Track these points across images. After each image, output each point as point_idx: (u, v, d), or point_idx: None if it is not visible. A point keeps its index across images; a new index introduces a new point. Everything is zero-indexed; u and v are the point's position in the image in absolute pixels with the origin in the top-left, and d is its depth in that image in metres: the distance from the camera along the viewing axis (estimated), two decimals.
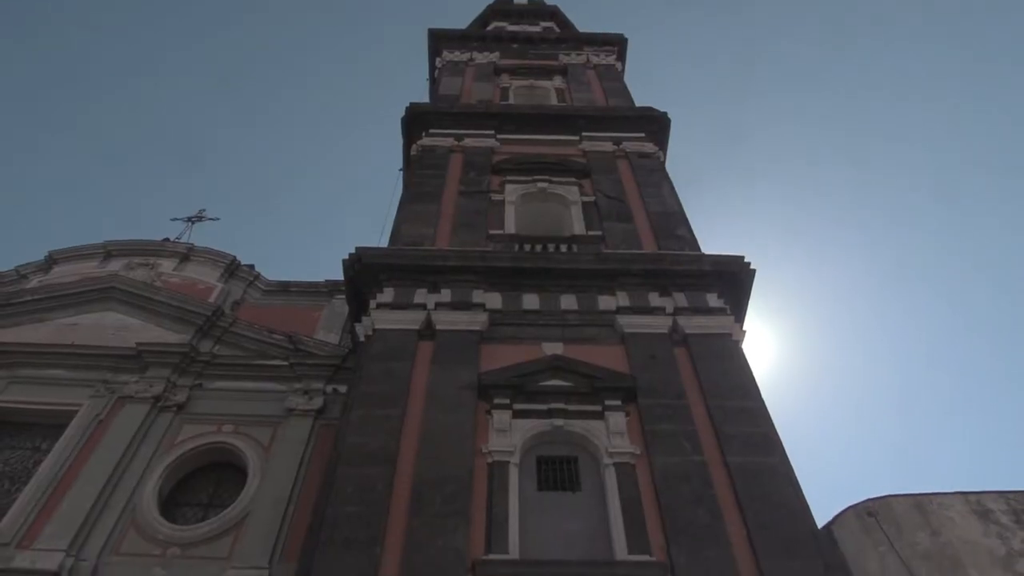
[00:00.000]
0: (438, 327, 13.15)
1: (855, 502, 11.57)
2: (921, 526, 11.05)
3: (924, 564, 10.55)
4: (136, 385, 14.85)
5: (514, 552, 9.68)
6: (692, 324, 13.31)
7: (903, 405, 47.98)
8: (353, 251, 14.35)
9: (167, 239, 20.52)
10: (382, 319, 13.34)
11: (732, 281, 14.25)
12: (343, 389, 14.26)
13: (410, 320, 13.30)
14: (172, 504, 13.36)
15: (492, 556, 9.57)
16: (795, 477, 10.83)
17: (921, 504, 11.38)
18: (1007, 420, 45.46)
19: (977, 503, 11.42)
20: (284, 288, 18.58)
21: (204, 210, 23.24)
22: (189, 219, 22.85)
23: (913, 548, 10.75)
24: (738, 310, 14.24)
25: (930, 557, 10.63)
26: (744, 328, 13.78)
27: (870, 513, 11.28)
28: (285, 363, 15.31)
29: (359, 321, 13.77)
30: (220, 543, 12.15)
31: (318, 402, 14.58)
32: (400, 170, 21.37)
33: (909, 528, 11.02)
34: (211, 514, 12.95)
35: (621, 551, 9.74)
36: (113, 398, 14.69)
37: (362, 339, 13.33)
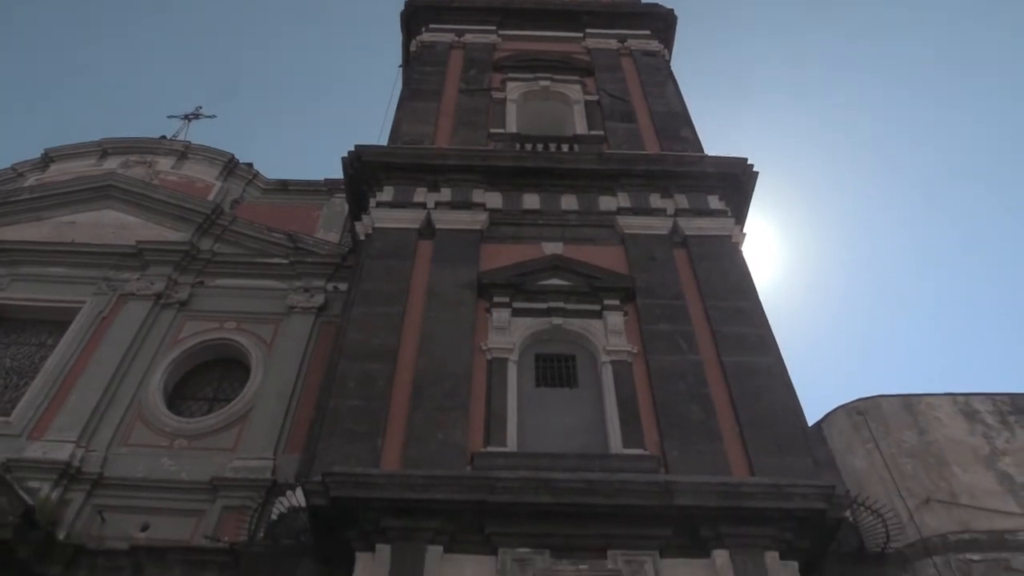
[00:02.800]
0: (438, 226, 13.14)
1: (847, 401, 11.87)
2: (909, 425, 11.33)
3: (909, 461, 10.87)
4: (138, 283, 14.96)
5: (512, 445, 9.96)
6: (692, 226, 13.30)
7: (901, 308, 48.42)
8: (352, 149, 14.20)
9: (164, 137, 20.28)
10: (382, 218, 13.32)
11: (734, 183, 14.16)
12: (343, 287, 14.36)
13: (410, 219, 13.28)
14: (178, 398, 13.66)
15: (490, 448, 9.86)
16: (788, 377, 11.04)
17: (910, 404, 11.64)
18: (1003, 323, 45.95)
19: (965, 404, 11.68)
20: (283, 187, 18.46)
21: (201, 107, 22.95)
22: (186, 116, 22.56)
23: (900, 446, 11.05)
24: (739, 212, 14.20)
25: (915, 454, 10.93)
26: (744, 231, 13.77)
27: (859, 412, 11.56)
28: (285, 261, 15.37)
29: (359, 220, 13.76)
30: (226, 435, 12.49)
31: (319, 300, 14.71)
32: (400, 67, 20.92)
33: (897, 427, 11.31)
34: (216, 408, 13.26)
35: (616, 445, 10.03)
36: (115, 295, 14.81)
37: (362, 238, 13.35)
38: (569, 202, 13.80)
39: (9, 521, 9.98)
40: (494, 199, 13.75)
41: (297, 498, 9.44)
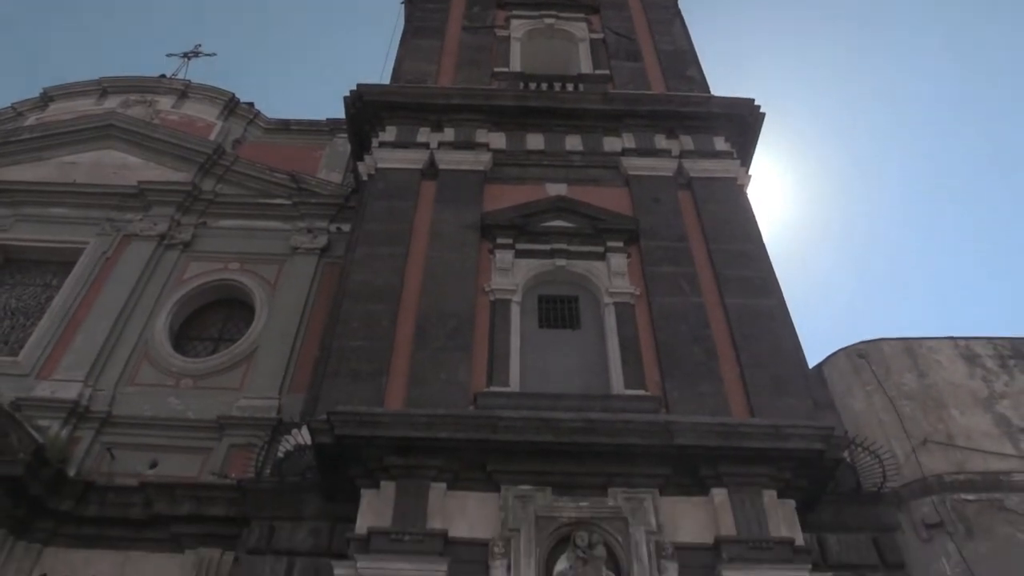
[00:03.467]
0: (441, 166, 13.05)
1: (848, 344, 11.93)
2: (909, 368, 11.39)
3: (908, 403, 10.96)
4: (141, 223, 14.94)
5: (515, 385, 10.06)
6: (697, 167, 13.19)
7: (910, 252, 48.22)
8: (354, 88, 14.01)
9: (163, 76, 19.99)
10: (384, 158, 13.22)
11: (740, 124, 13.99)
12: (346, 228, 14.32)
13: (413, 159, 13.19)
14: (183, 338, 13.76)
15: (493, 388, 9.96)
16: (790, 319, 11.08)
17: (911, 347, 11.69)
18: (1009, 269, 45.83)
19: (966, 347, 11.72)
20: (285, 126, 18.28)
21: (200, 45, 22.51)
22: (185, 55, 22.16)
23: (899, 388, 11.13)
24: (745, 154, 14.07)
25: (914, 397, 11.02)
26: (750, 173, 13.66)
27: (860, 355, 11.61)
28: (288, 202, 15.30)
29: (361, 160, 13.66)
30: (231, 375, 12.61)
31: (322, 241, 14.69)
32: (402, 3, 20.46)
33: (897, 369, 11.37)
34: (221, 348, 13.37)
35: (618, 385, 10.12)
36: (119, 236, 14.81)
37: (365, 178, 13.28)
38: (573, 143, 13.67)
39: (20, 458, 10.17)
40: (498, 139, 13.63)
41: (302, 436, 9.59)
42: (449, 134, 13.62)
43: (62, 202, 15.32)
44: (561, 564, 8.15)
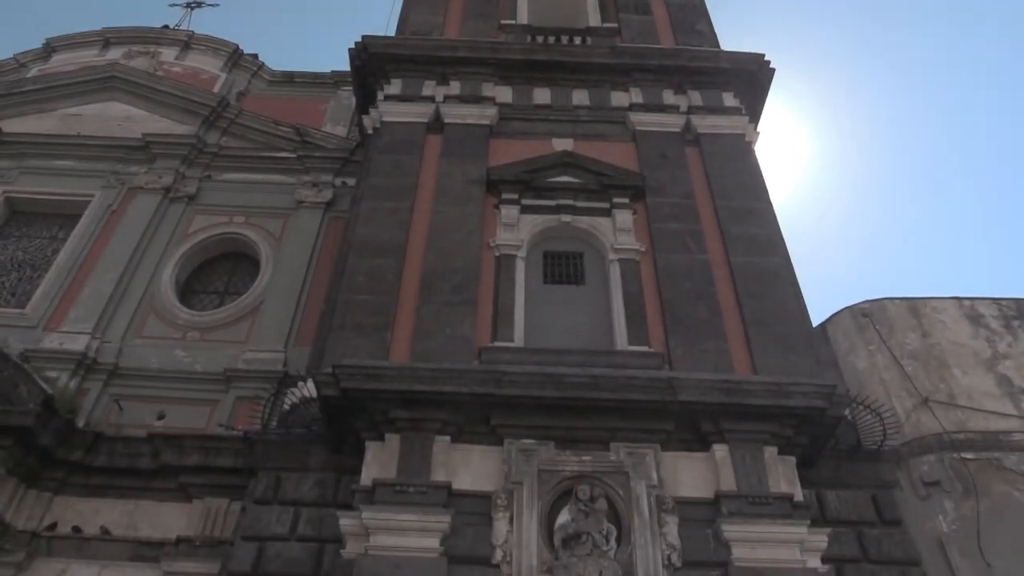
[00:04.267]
0: (447, 120, 12.94)
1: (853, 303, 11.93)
2: (913, 327, 11.41)
3: (911, 363, 10.99)
4: (146, 176, 14.90)
5: (519, 340, 10.10)
6: (705, 123, 13.06)
7: (922, 211, 47.91)
8: (359, 40, 13.84)
9: (166, 26, 19.76)
10: (390, 111, 13.11)
11: (750, 80, 13.81)
12: (351, 182, 14.23)
13: (418, 113, 13.07)
14: (189, 291, 13.81)
15: (498, 343, 10.00)
16: (795, 278, 11.07)
17: (915, 307, 11.69)
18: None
19: (970, 308, 11.72)
20: (289, 79, 18.07)
21: None
22: (188, 5, 21.94)
23: (902, 348, 11.16)
24: (754, 111, 13.90)
25: (917, 356, 11.05)
26: (758, 129, 13.53)
27: (864, 314, 11.62)
28: (293, 155, 15.22)
29: (366, 113, 13.55)
30: (237, 328, 12.67)
31: (327, 195, 14.63)
32: None
33: (901, 329, 11.38)
34: (227, 301, 13.41)
35: (621, 342, 10.16)
36: (124, 189, 14.78)
37: (370, 132, 13.18)
38: (580, 97, 13.52)
39: (30, 409, 10.27)
40: (504, 93, 13.48)
41: (308, 389, 9.67)
42: (455, 87, 13.48)
43: (67, 154, 15.27)
44: (563, 517, 8.26)
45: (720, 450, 8.75)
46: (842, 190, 50.02)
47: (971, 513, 9.39)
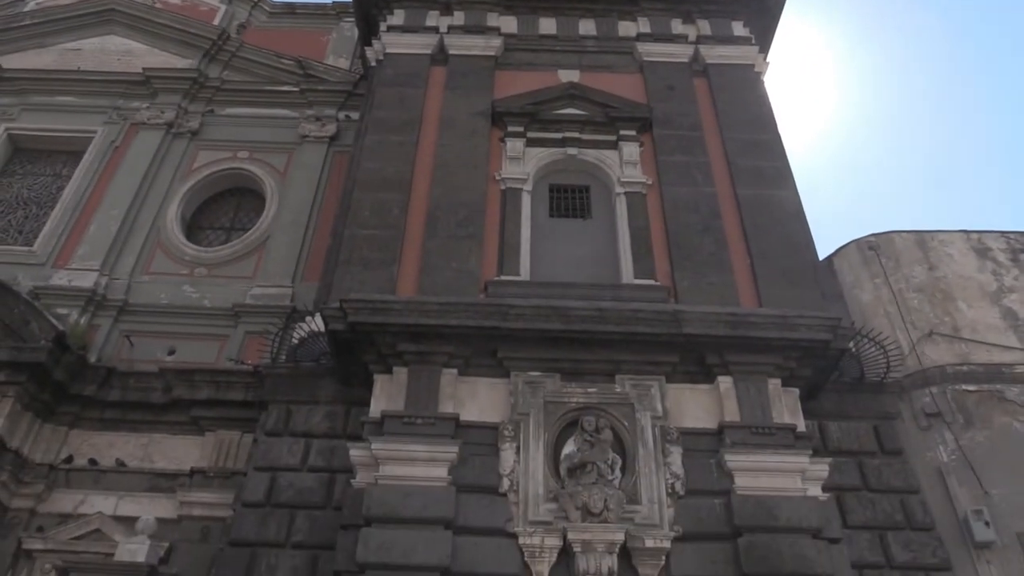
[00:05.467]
0: (451, 52, 12.72)
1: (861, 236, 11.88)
2: (919, 260, 11.38)
3: (916, 295, 11.00)
4: (148, 111, 14.77)
5: (525, 274, 10.12)
6: (714, 54, 12.82)
7: (941, 143, 47.21)
8: None
9: None
10: (393, 43, 12.88)
11: (759, 8, 13.47)
12: (355, 116, 14.09)
13: (422, 44, 12.84)
14: (195, 228, 13.84)
15: (503, 277, 10.02)
16: (802, 210, 10.99)
17: (922, 240, 11.64)
18: None
19: (978, 241, 11.67)
20: (290, 10, 17.70)
21: None
22: None
23: (908, 281, 11.16)
24: (764, 40, 13.58)
25: (923, 289, 11.05)
26: (768, 60, 13.24)
27: (871, 247, 11.59)
28: (296, 89, 15.03)
29: (369, 45, 13.32)
30: (244, 263, 12.73)
31: (331, 129, 14.50)
32: None
33: (907, 262, 11.36)
34: (233, 237, 13.44)
35: (627, 275, 10.17)
36: (126, 124, 14.69)
37: (373, 64, 12.98)
38: (587, 27, 13.23)
39: (42, 345, 10.41)
40: (509, 23, 13.19)
41: (316, 323, 9.75)
42: (459, 17, 13.19)
43: (68, 90, 15.15)
44: (568, 447, 8.39)
45: (724, 382, 8.82)
46: (863, 119, 49.24)
47: (971, 443, 9.52)
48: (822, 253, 11.28)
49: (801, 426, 8.71)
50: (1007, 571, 8.63)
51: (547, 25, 13.20)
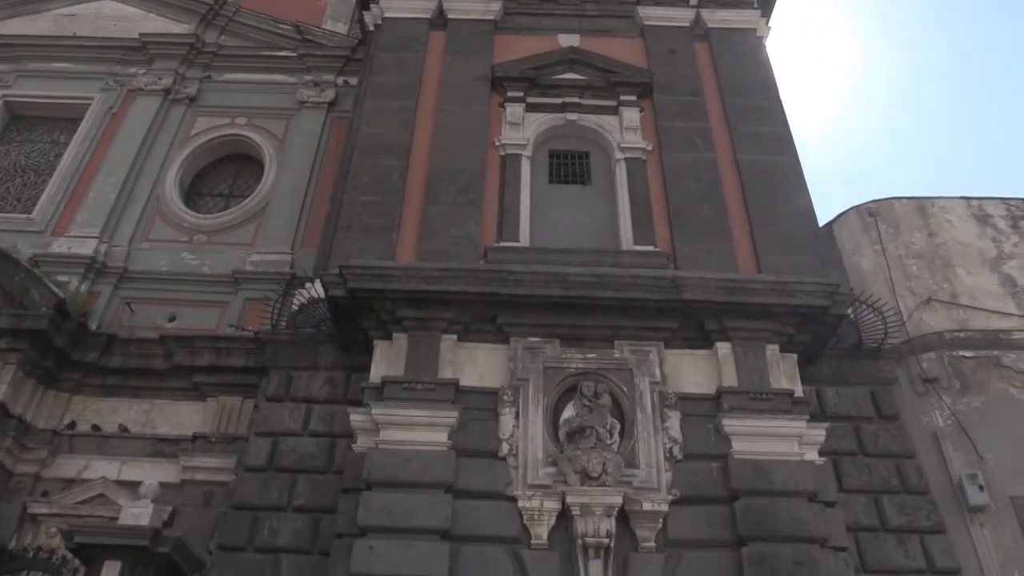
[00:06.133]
0: (450, 16, 12.60)
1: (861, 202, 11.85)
2: (919, 227, 11.37)
3: (915, 262, 11.01)
4: (145, 77, 14.65)
5: (524, 240, 10.13)
6: (716, 18, 12.71)
7: (945, 107, 46.84)
8: None
9: None
10: (391, 6, 12.76)
11: None
12: (354, 81, 13.92)
13: (421, 8, 12.71)
14: (194, 195, 13.78)
15: (503, 243, 10.03)
16: (803, 177, 10.98)
17: (923, 207, 11.63)
18: None
19: (978, 207, 11.65)
20: None
21: None
22: None
23: (907, 247, 11.16)
24: (766, 4, 13.41)
25: (922, 256, 11.06)
26: (770, 24, 13.11)
27: (871, 213, 11.57)
28: (293, 54, 14.86)
29: (367, 9, 13.17)
30: (243, 230, 12.69)
31: (329, 94, 14.37)
32: None
33: (907, 228, 11.36)
34: (232, 204, 13.38)
35: (627, 241, 10.17)
36: (123, 91, 14.57)
37: (371, 28, 12.88)
38: None
39: (43, 312, 10.43)
40: None
41: (316, 290, 9.76)
42: None
43: (64, 56, 14.99)
44: (567, 412, 8.45)
45: (723, 348, 8.86)
46: (873, 86, 48.85)
47: (967, 409, 9.59)
48: (822, 219, 11.31)
49: (799, 391, 8.78)
50: (1000, 534, 8.73)
51: None
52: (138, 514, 8.10)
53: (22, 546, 8.95)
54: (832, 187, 44.19)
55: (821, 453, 8.41)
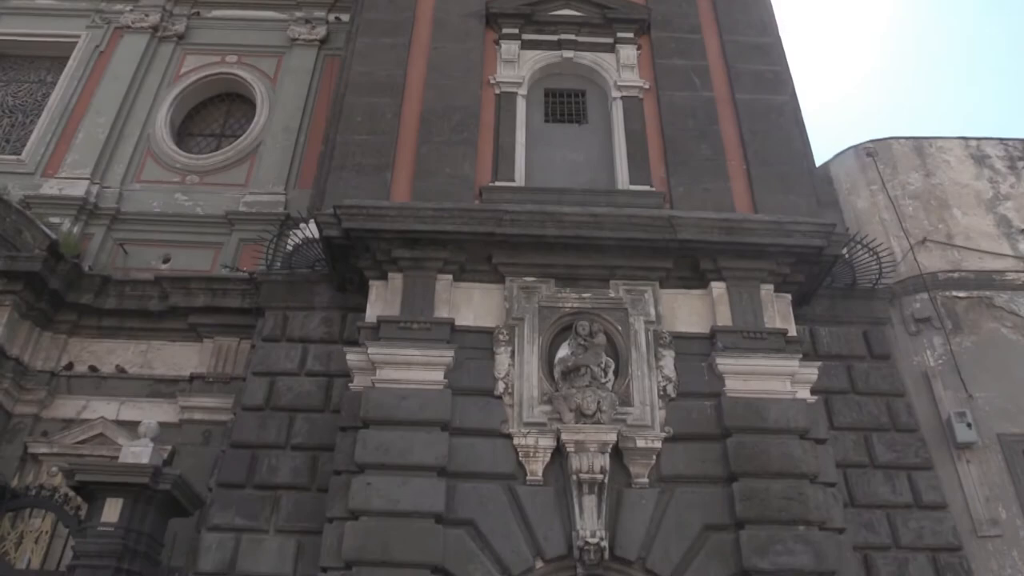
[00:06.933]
0: None
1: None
2: (917, 167, 11.32)
3: (911, 203, 10.98)
4: (131, 15, 14.34)
5: (520, 180, 10.06)
6: None
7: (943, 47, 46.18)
8: None
9: None
10: None
11: None
12: (346, 18, 13.65)
13: None
14: (185, 135, 13.60)
15: (498, 183, 9.96)
16: (801, 116, 10.90)
17: (920, 147, 11.56)
18: None
19: (976, 148, 11.59)
20: None
21: None
22: None
23: (904, 188, 11.12)
24: None
25: (918, 196, 11.03)
26: None
27: (869, 153, 11.50)
28: None
29: None
30: (236, 171, 12.57)
31: (321, 31, 14.09)
32: None
33: (904, 169, 11.30)
34: (224, 144, 13.22)
35: (623, 181, 10.11)
36: (110, 28, 14.28)
37: None
38: None
39: (36, 254, 10.38)
40: None
41: (311, 230, 9.72)
42: None
43: None
44: (562, 351, 8.49)
45: (718, 287, 8.87)
46: (873, 25, 48.08)
47: (958, 348, 9.67)
48: (820, 159, 11.25)
49: (792, 331, 8.82)
50: (985, 470, 8.89)
51: None
52: (138, 452, 8.17)
53: (24, 485, 9.03)
54: (831, 126, 43.82)
55: (813, 391, 8.48)
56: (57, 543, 8.46)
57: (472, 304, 8.79)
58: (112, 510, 7.79)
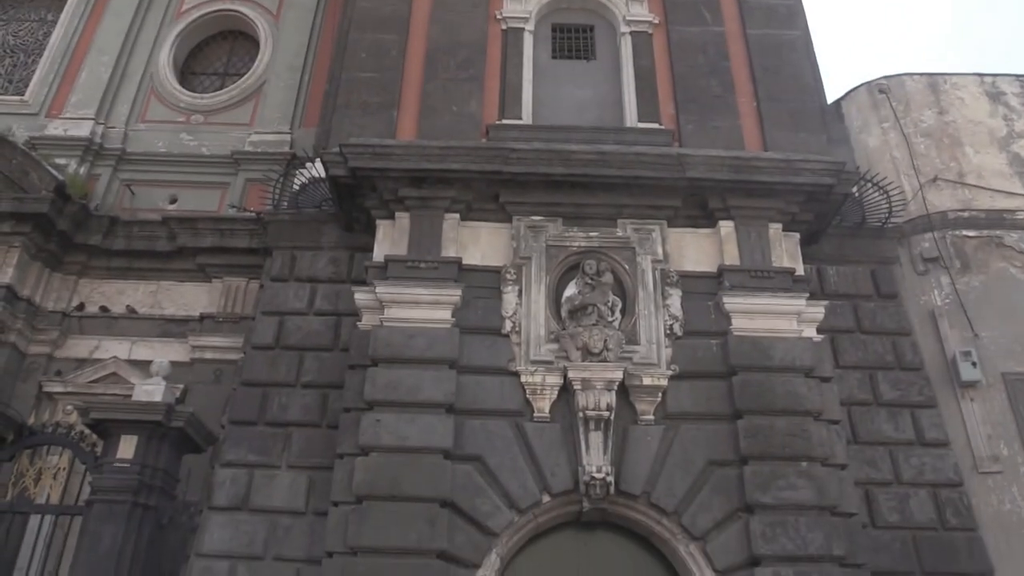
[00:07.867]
0: None
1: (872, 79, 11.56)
2: (930, 104, 11.14)
3: (923, 140, 10.83)
4: None
5: (527, 117, 9.92)
6: None
7: None
8: None
9: None
10: None
11: None
12: None
13: None
14: (188, 73, 13.44)
15: (505, 121, 9.84)
16: (813, 52, 10.68)
17: (935, 83, 11.35)
18: None
19: (991, 84, 11.38)
20: None
21: None
22: None
23: (916, 125, 10.96)
24: None
25: (931, 134, 10.87)
26: None
27: (881, 90, 11.30)
28: None
29: None
30: (241, 110, 12.46)
31: None
32: None
33: (917, 106, 11.12)
34: (228, 83, 13.06)
35: (631, 118, 9.97)
36: None
37: None
38: None
39: (44, 195, 10.39)
40: None
41: (317, 169, 9.67)
42: None
43: None
44: (570, 290, 8.49)
45: (726, 226, 8.82)
46: None
47: (965, 288, 9.65)
48: (832, 97, 11.06)
49: (800, 270, 8.79)
50: (988, 408, 8.96)
51: None
52: (151, 391, 8.30)
53: (41, 423, 9.21)
54: (846, 63, 42.93)
55: (819, 330, 8.49)
56: (75, 479, 8.64)
57: (479, 243, 8.78)
58: (127, 447, 7.95)
